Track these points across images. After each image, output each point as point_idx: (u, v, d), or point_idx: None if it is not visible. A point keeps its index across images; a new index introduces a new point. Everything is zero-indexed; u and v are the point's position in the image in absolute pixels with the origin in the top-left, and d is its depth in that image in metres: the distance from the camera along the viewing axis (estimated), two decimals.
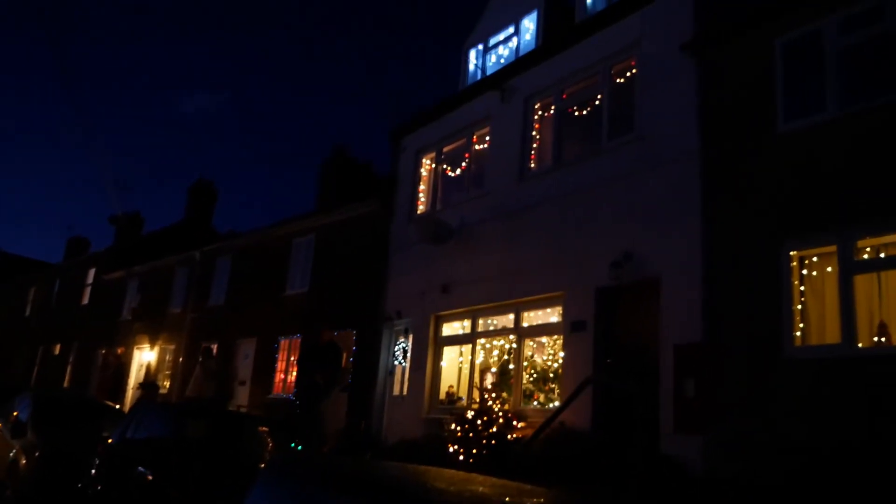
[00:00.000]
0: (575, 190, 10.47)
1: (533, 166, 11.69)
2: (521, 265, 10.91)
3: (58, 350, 26.68)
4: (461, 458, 9.52)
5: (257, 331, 17.13)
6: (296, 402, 11.34)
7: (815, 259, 7.77)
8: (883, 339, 7.10)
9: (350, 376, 13.72)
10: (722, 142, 8.70)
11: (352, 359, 13.88)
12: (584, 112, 11.05)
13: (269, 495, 3.10)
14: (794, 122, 8.02)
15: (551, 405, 10.01)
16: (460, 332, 12.31)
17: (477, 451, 9.45)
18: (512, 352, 11.07)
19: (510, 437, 9.55)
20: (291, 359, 16.00)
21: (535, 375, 10.80)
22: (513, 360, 10.95)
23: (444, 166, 13.73)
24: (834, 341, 7.27)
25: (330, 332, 11.56)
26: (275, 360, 16.37)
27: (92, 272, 26.28)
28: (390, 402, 13.08)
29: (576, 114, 11.23)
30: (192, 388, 14.56)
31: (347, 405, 13.67)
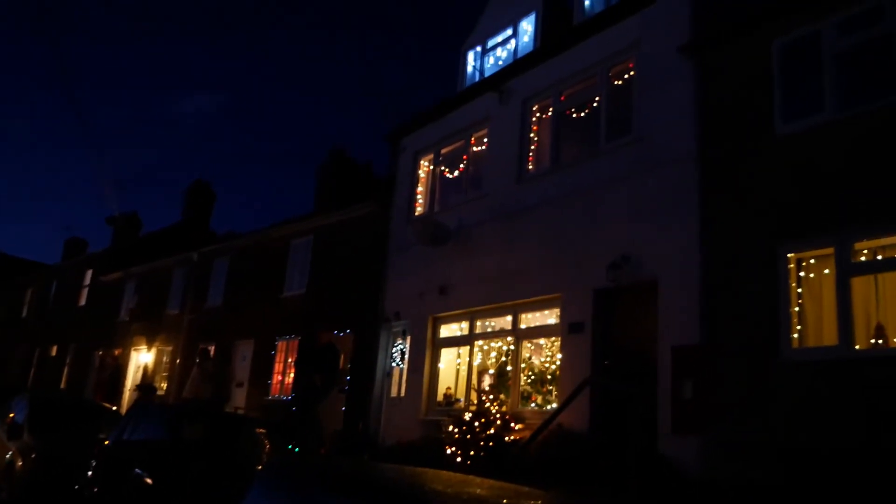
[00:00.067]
0: (573, 192, 10.48)
1: (531, 168, 11.70)
2: (519, 267, 10.90)
3: (55, 351, 26.62)
4: (459, 459, 9.52)
5: (255, 332, 17.11)
6: (293, 405, 11.33)
7: (812, 261, 7.78)
8: (880, 342, 7.10)
9: (348, 378, 13.72)
10: (720, 144, 8.71)
11: (349, 363, 13.87)
12: (583, 114, 11.05)
13: (266, 497, 3.09)
14: (793, 123, 8.03)
15: (549, 407, 10.01)
16: (458, 333, 12.31)
17: (475, 452, 9.45)
18: (510, 353, 11.06)
19: (508, 438, 9.54)
20: (289, 360, 15.99)
21: (532, 377, 10.81)
22: (511, 362, 10.95)
23: (443, 168, 13.74)
24: (831, 343, 7.28)
25: (328, 333, 11.56)
26: (272, 362, 16.35)
27: (89, 273, 26.24)
28: (388, 404, 13.07)
29: (574, 116, 11.24)
30: (189, 389, 14.56)
31: (345, 407, 13.66)
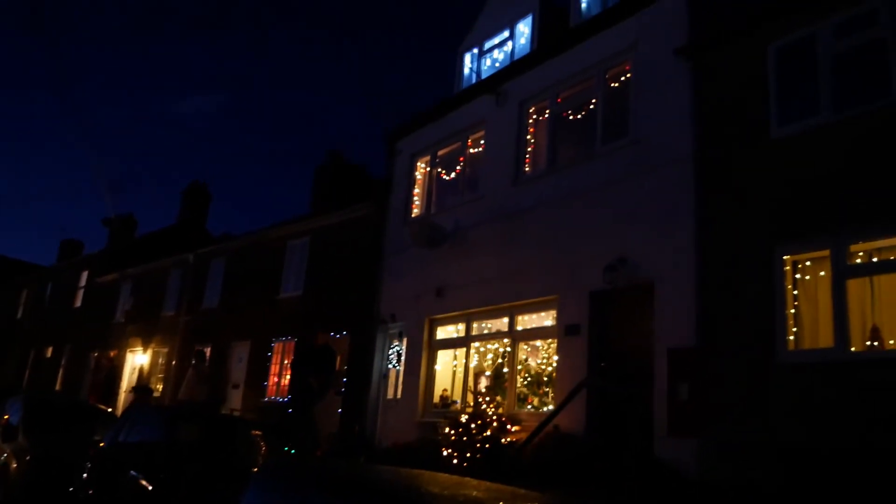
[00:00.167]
0: (569, 194, 10.48)
1: (527, 170, 11.70)
2: (516, 269, 10.90)
3: (50, 353, 26.54)
4: (455, 461, 9.51)
5: (251, 334, 17.08)
6: (289, 406, 11.30)
7: (808, 263, 7.79)
8: (875, 344, 7.12)
9: (344, 380, 13.70)
10: (717, 146, 8.72)
11: (346, 365, 13.85)
12: (579, 116, 11.07)
13: (262, 499, 3.09)
14: (789, 126, 8.05)
15: (545, 409, 10.01)
16: (455, 335, 12.30)
17: (471, 454, 9.44)
18: (506, 355, 11.06)
19: (504, 440, 9.54)
20: (285, 362, 15.95)
21: (529, 379, 10.81)
22: (507, 364, 10.94)
23: (439, 169, 13.74)
24: (827, 345, 7.29)
25: (324, 335, 11.54)
26: (269, 364, 16.32)
27: (85, 274, 26.18)
28: (384, 406, 13.06)
29: (570, 118, 11.25)
30: (185, 391, 14.51)
31: (341, 409, 13.64)
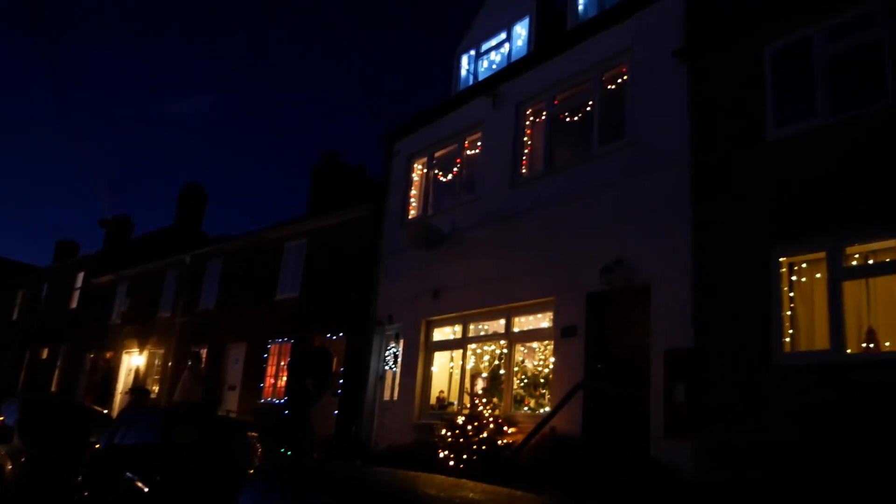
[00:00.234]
0: (566, 196, 10.49)
1: (524, 172, 11.72)
2: (513, 270, 10.91)
3: (46, 354, 26.46)
4: (451, 463, 9.51)
5: (248, 335, 17.05)
6: (285, 408, 11.29)
7: (804, 265, 7.81)
8: (871, 346, 7.13)
9: (340, 381, 13.68)
10: (713, 148, 8.74)
11: (342, 367, 13.83)
12: (576, 118, 11.08)
13: (258, 501, 3.08)
14: (785, 128, 8.07)
15: (542, 410, 10.01)
16: (451, 337, 12.30)
17: (467, 456, 9.44)
18: (503, 357, 11.06)
19: (501, 442, 9.54)
20: (282, 363, 15.93)
21: (525, 381, 10.81)
22: (503, 366, 10.95)
23: (436, 171, 13.74)
24: (823, 347, 7.30)
25: (321, 336, 11.53)
26: (265, 365, 16.30)
27: (81, 276, 26.11)
28: (381, 408, 13.05)
29: (567, 120, 11.27)
30: (180, 392, 14.46)
31: (338, 410, 13.63)
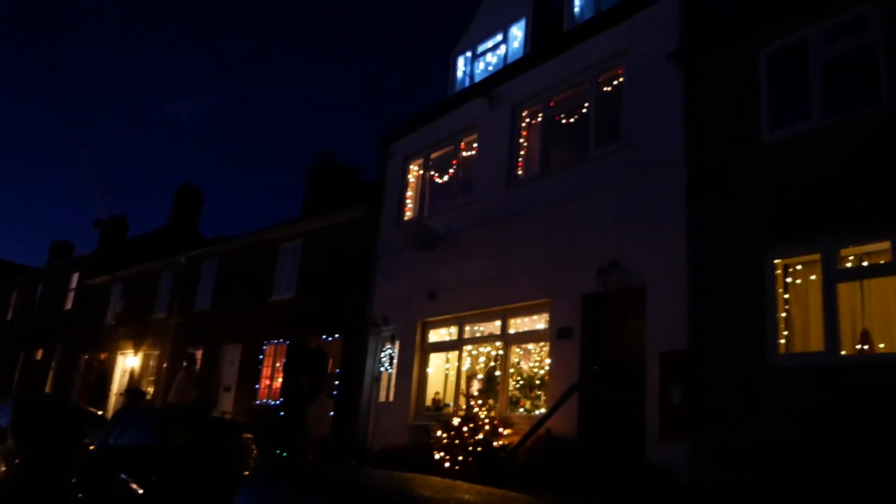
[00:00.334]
0: (562, 197, 10.51)
1: (520, 173, 11.72)
2: (508, 272, 10.91)
3: (40, 355, 26.38)
4: (447, 465, 9.50)
5: (243, 336, 17.02)
6: (280, 409, 11.27)
7: (799, 267, 7.83)
8: (866, 347, 7.16)
9: (336, 382, 13.66)
10: (708, 150, 8.76)
11: (338, 368, 13.81)
12: (572, 120, 11.10)
13: (253, 503, 3.07)
14: (780, 131, 8.09)
15: (537, 412, 10.01)
16: (447, 338, 12.29)
17: (463, 458, 9.43)
18: (498, 358, 11.06)
19: (496, 443, 9.53)
20: (277, 365, 15.91)
21: (521, 382, 10.81)
22: (499, 367, 10.95)
23: (432, 173, 13.74)
24: (818, 349, 7.33)
25: (316, 337, 11.52)
26: (260, 366, 16.27)
27: (76, 276, 26.04)
28: (376, 409, 13.03)
29: (563, 122, 11.28)
30: (175, 393, 14.43)
31: (333, 412, 13.60)
